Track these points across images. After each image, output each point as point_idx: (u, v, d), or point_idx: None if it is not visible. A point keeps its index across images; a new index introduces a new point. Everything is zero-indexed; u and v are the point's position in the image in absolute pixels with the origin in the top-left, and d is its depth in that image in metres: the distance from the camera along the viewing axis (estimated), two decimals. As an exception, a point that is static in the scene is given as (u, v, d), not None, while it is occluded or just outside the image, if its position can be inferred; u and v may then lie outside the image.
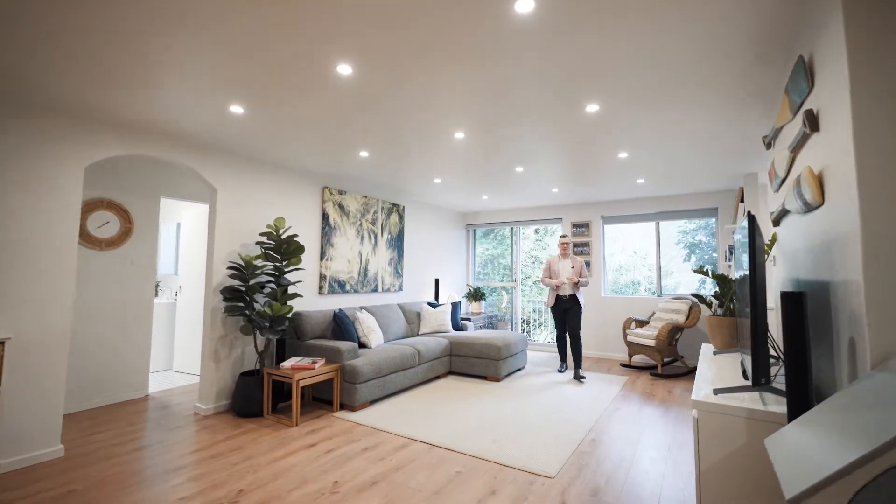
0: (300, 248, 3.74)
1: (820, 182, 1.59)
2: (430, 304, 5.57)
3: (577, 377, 4.49)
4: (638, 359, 5.71)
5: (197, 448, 2.78)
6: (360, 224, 5.02)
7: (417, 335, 5.08)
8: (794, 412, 1.36)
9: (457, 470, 2.48)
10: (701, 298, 2.76)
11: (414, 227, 6.00)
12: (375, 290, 5.19)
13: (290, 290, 4.21)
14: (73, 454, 2.68)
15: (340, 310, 4.13)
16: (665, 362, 5.27)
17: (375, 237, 5.23)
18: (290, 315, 4.04)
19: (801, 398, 1.35)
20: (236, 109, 2.76)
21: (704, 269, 2.79)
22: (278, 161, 4.01)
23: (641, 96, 2.53)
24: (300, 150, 3.64)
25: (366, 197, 5.11)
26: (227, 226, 3.67)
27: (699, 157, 3.82)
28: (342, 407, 3.60)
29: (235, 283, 3.69)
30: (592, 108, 2.66)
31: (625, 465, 2.55)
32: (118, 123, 2.99)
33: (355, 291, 4.90)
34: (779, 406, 1.52)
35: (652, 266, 6.79)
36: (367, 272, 5.09)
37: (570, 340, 4.61)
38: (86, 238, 3.59)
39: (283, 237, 3.83)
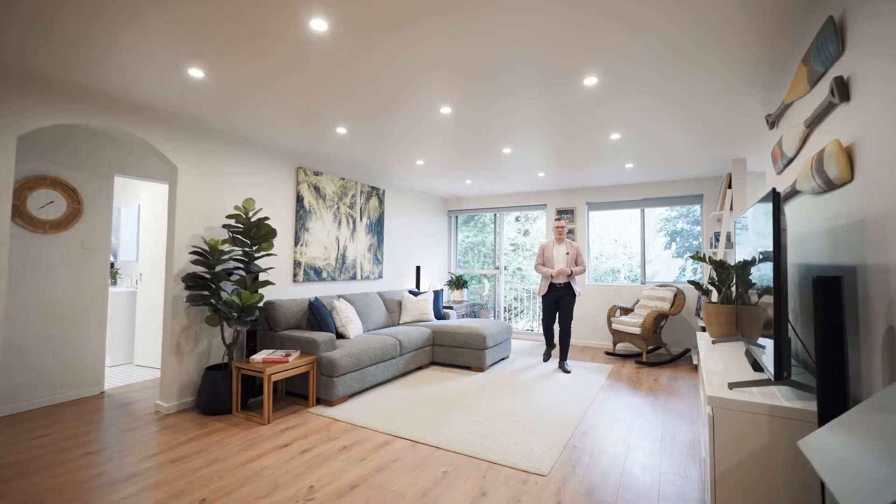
0: (272, 232, 3.45)
1: (849, 157, 1.44)
2: (411, 292, 5.36)
3: (563, 369, 4.38)
4: (621, 346, 5.67)
5: (155, 451, 2.51)
6: (338, 208, 4.74)
7: (398, 324, 4.87)
8: (826, 411, 1.23)
9: (443, 470, 2.31)
10: (697, 285, 2.64)
11: (394, 213, 5.74)
12: (354, 277, 4.94)
13: (262, 277, 3.92)
14: (10, 462, 2.37)
15: (317, 298, 3.88)
16: (649, 350, 5.23)
17: (354, 222, 4.96)
18: (260, 304, 3.77)
19: (836, 396, 1.21)
20: (196, 73, 2.45)
21: (702, 255, 2.68)
22: (247, 137, 3.68)
23: (642, 68, 2.35)
24: (271, 123, 3.33)
25: (343, 179, 4.82)
26: (190, 207, 3.34)
27: (690, 140, 3.70)
28: (318, 402, 3.37)
29: (199, 269, 3.38)
30: (591, 80, 2.47)
31: (619, 460, 2.43)
32: (57, 87, 2.61)
33: (332, 279, 4.64)
34: (803, 402, 1.39)
35: (632, 254, 6.76)
36: (346, 259, 4.83)
37: (560, 332, 4.46)
38: (26, 219, 3.20)
39: (252, 220, 3.53)
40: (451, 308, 5.92)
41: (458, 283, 6.52)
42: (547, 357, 4.73)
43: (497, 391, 3.69)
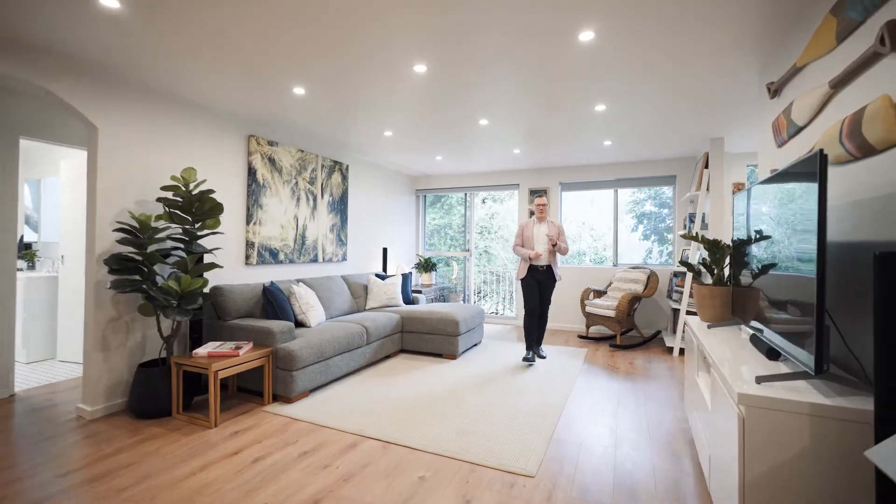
0: (218, 208, 2.99)
1: (900, 115, 1.25)
2: (378, 275, 5.01)
3: (538, 354, 4.20)
4: (594, 329, 5.61)
5: (72, 467, 2.09)
6: (296, 183, 4.28)
7: (365, 310, 4.53)
8: (888, 411, 1.04)
9: (420, 475, 2.05)
10: (689, 266, 2.48)
11: (359, 190, 5.32)
12: (315, 259, 4.53)
13: (207, 259, 3.45)
14: None
15: (272, 283, 3.47)
16: (621, 333, 5.18)
17: (314, 199, 4.51)
18: (205, 290, 3.32)
19: (903, 394, 1.02)
20: (109, 3, 1.96)
21: (694, 234, 2.52)
22: (186, 95, 3.16)
23: (638, 28, 2.10)
24: (214, 79, 2.84)
25: (302, 151, 4.35)
26: (115, 176, 2.82)
27: (675, 113, 3.54)
28: (275, 399, 3.01)
29: (128, 250, 2.88)
30: (587, 35, 2.19)
31: (608, 455, 2.26)
32: (-78, 16, 2.04)
33: (291, 262, 4.21)
34: (846, 400, 1.20)
35: (598, 236, 6.73)
36: (305, 239, 4.40)
37: (537, 317, 4.22)
38: None
39: (194, 193, 3.05)
40: (419, 292, 5.62)
41: (426, 265, 6.22)
42: (529, 357, 3.94)
43: (472, 380, 3.46)
